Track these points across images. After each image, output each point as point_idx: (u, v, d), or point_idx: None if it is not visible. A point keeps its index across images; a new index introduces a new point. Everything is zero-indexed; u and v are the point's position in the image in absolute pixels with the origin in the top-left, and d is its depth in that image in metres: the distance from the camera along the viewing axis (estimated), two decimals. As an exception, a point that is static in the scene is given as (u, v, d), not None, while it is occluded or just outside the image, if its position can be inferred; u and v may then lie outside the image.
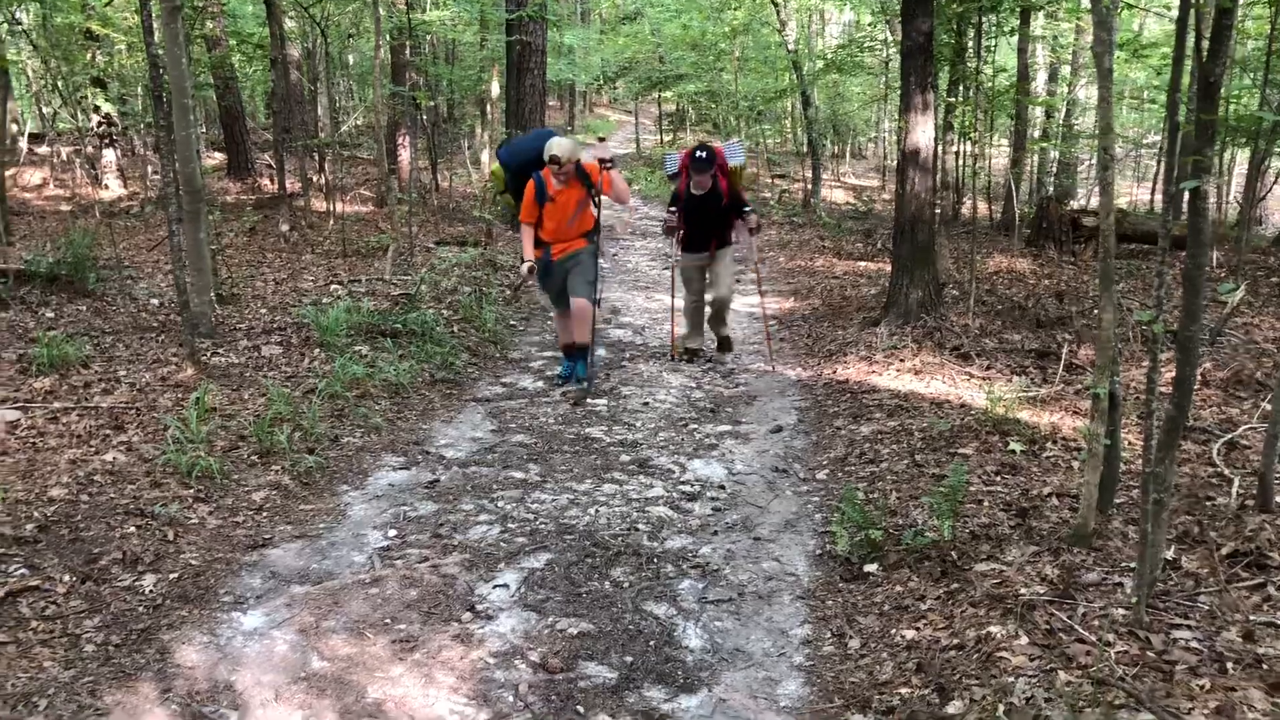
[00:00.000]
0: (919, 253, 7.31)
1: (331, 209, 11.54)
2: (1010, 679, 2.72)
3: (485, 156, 15.54)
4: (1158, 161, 13.60)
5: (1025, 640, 2.91)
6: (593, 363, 6.52)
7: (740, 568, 3.88)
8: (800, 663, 3.20)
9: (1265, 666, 2.61)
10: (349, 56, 19.76)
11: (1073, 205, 12.66)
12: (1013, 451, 4.58)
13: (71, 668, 2.99)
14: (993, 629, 3.01)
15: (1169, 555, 3.27)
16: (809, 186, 16.38)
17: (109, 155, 13.58)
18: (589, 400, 6.15)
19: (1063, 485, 4.11)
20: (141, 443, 4.66)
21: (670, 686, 3.05)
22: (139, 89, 14.76)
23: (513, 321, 8.46)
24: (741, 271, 9.86)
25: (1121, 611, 2.95)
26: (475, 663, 3.15)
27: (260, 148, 16.10)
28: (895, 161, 8.77)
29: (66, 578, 3.45)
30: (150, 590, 3.47)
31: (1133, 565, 3.13)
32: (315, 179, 13.19)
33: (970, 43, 9.53)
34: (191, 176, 6.43)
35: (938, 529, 3.69)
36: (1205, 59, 2.79)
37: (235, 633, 3.27)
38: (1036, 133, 15.71)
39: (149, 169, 13.53)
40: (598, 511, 4.41)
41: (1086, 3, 7.30)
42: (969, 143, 10.57)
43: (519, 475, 4.87)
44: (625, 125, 32.44)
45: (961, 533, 3.74)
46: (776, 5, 16.03)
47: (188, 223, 6.37)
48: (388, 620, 3.39)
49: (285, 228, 11.02)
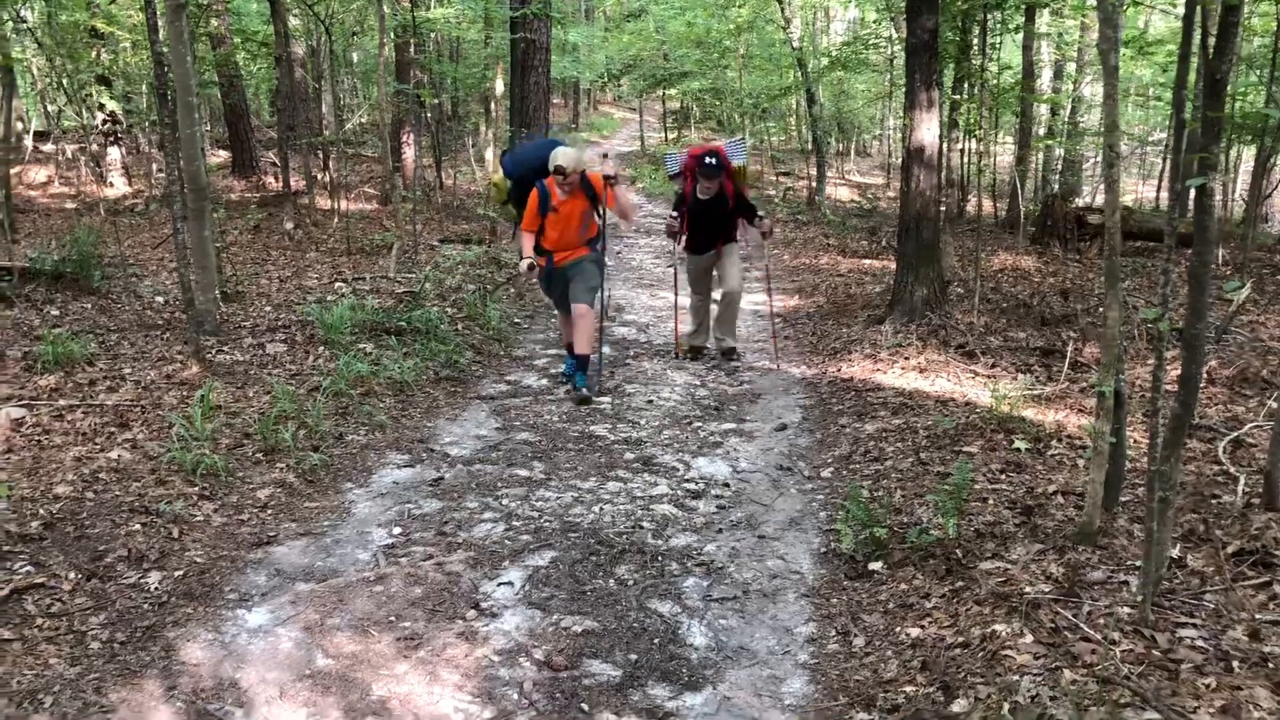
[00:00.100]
0: (924, 250, 7.30)
1: (336, 207, 11.55)
2: (1015, 677, 2.72)
3: (489, 154, 15.53)
4: (1163, 159, 13.57)
5: (1030, 638, 2.90)
6: (600, 367, 6.47)
7: (745, 566, 3.88)
8: (805, 661, 3.20)
9: (1271, 665, 2.60)
10: (353, 54, 19.78)
11: (1078, 203, 12.64)
12: (1018, 449, 4.57)
13: (77, 665, 3.00)
14: (998, 627, 3.00)
15: (1174, 553, 3.26)
16: (813, 184, 16.37)
17: (114, 153, 13.62)
18: (593, 399, 6.15)
19: (1068, 483, 4.10)
20: (146, 440, 4.67)
21: (675, 684, 3.05)
22: (144, 87, 14.77)
23: (517, 319, 8.46)
24: (745, 269, 9.84)
25: (1127, 610, 2.94)
26: (480, 660, 3.15)
27: (265, 145, 16.13)
28: (900, 159, 8.75)
29: (72, 575, 3.46)
30: (155, 588, 3.48)
31: (1138, 564, 3.12)
32: (320, 177, 13.21)
33: (975, 40, 9.52)
34: (196, 174, 6.44)
35: (943, 527, 3.69)
36: (1211, 56, 2.78)
37: (240, 630, 3.27)
38: (1041, 130, 15.69)
39: (154, 167, 13.55)
40: (602, 509, 4.41)
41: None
42: (974, 140, 10.55)
43: (523, 473, 4.88)
44: (630, 123, 32.44)
45: (966, 531, 3.73)
46: (781, 2, 16.01)
47: (192, 220, 6.38)
48: (392, 618, 3.39)
49: (290, 225, 11.04)
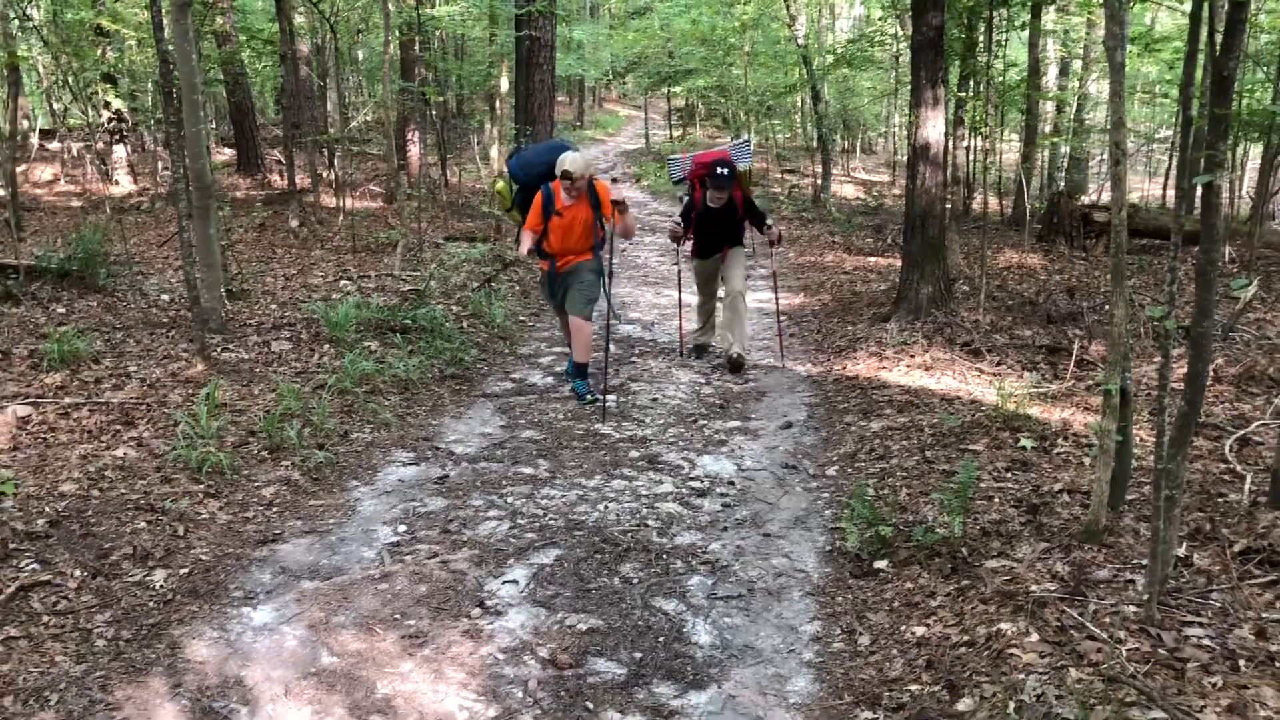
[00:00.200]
0: (929, 248, 7.28)
1: (341, 205, 11.56)
2: (1021, 676, 2.71)
3: (495, 152, 15.53)
4: (1170, 156, 13.51)
5: (1036, 637, 2.89)
6: (605, 366, 6.43)
7: (750, 564, 3.88)
8: (810, 659, 3.19)
9: (1278, 664, 2.59)
10: (358, 52, 19.76)
11: (1084, 200, 12.58)
12: (1023, 448, 4.56)
13: (83, 662, 3.01)
14: (1003, 626, 3.00)
15: (1181, 552, 3.25)
16: (819, 182, 16.34)
17: (119, 151, 13.64)
18: (595, 400, 6.13)
19: (1074, 482, 4.09)
20: (152, 438, 4.68)
21: (679, 683, 3.05)
22: (149, 85, 14.79)
23: (522, 317, 8.47)
24: (751, 267, 9.82)
25: (1133, 609, 2.93)
26: (484, 658, 3.15)
27: (270, 143, 16.15)
28: (905, 156, 8.73)
29: (77, 573, 3.47)
30: (161, 585, 3.49)
31: (1144, 562, 3.12)
32: (325, 175, 13.22)
33: (981, 37, 9.48)
34: (201, 172, 6.45)
35: (948, 525, 3.68)
36: (1219, 53, 2.76)
37: (245, 628, 3.28)
38: (1047, 127, 15.63)
39: (159, 165, 13.57)
40: (607, 507, 4.41)
41: (1098, -4, 7.25)
42: (980, 138, 10.52)
43: (528, 471, 4.88)
44: (635, 120, 32.46)
45: (972, 529, 3.73)
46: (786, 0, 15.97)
47: (198, 218, 6.39)
48: (397, 616, 3.40)
49: (295, 223, 11.06)
